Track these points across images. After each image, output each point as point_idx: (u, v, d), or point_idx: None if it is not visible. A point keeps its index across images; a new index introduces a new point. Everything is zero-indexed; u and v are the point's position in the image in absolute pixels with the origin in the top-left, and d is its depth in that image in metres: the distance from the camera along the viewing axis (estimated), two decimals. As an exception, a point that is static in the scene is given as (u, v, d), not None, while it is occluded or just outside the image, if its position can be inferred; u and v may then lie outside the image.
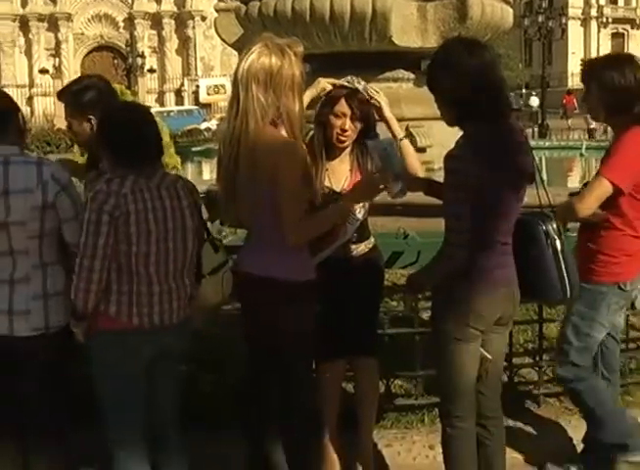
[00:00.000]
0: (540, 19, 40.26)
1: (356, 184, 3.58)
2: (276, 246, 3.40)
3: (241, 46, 3.45)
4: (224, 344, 4.53)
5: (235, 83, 3.37)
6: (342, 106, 3.79)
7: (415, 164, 3.87)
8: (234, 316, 4.40)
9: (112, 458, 3.43)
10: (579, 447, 4.35)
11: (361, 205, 3.82)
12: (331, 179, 3.85)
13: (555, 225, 3.45)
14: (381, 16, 8.65)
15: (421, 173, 3.85)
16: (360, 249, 3.96)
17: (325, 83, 3.88)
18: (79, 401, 3.53)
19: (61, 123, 37.21)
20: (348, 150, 3.89)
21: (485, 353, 3.45)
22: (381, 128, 3.94)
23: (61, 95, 4.18)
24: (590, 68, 4.05)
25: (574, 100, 37.38)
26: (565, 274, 3.43)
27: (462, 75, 3.21)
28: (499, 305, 3.41)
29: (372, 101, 3.87)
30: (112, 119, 3.39)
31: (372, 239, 4.04)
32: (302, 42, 3.52)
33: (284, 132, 3.39)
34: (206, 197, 7.03)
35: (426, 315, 4.22)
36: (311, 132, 3.88)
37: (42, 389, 3.43)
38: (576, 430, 4.43)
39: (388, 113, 3.92)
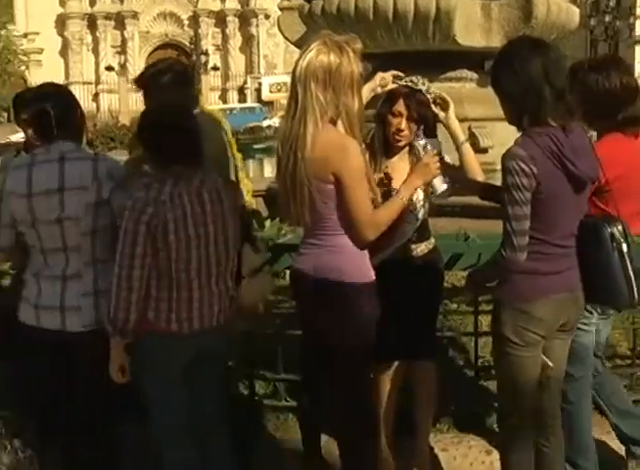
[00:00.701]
0: (607, 18, 39.59)
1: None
2: (336, 246, 3.36)
3: (303, 44, 3.42)
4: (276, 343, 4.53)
5: (293, 82, 3.32)
6: (400, 105, 3.75)
7: (475, 167, 3.79)
8: (289, 316, 4.41)
9: (160, 458, 3.44)
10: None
11: (421, 204, 3.77)
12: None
13: (621, 228, 3.35)
14: (444, 15, 8.59)
15: (481, 178, 3.78)
16: (420, 249, 3.91)
17: (383, 74, 3.84)
18: (127, 398, 3.54)
19: (125, 120, 37.83)
20: (407, 149, 3.85)
21: (547, 360, 3.36)
22: (441, 131, 3.88)
23: (138, 80, 4.24)
24: (576, 70, 3.87)
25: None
26: (632, 278, 3.33)
27: (525, 75, 3.14)
28: (562, 311, 3.32)
29: (437, 99, 3.81)
30: (149, 121, 3.35)
31: (432, 240, 3.99)
32: (365, 41, 3.48)
33: (342, 130, 3.34)
34: (267, 195, 7.06)
35: (486, 318, 4.16)
36: (372, 131, 3.85)
37: (92, 384, 3.45)
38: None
39: (452, 115, 3.83)
